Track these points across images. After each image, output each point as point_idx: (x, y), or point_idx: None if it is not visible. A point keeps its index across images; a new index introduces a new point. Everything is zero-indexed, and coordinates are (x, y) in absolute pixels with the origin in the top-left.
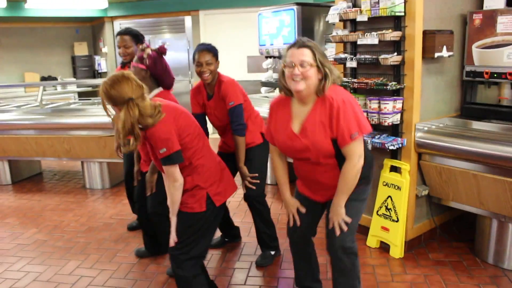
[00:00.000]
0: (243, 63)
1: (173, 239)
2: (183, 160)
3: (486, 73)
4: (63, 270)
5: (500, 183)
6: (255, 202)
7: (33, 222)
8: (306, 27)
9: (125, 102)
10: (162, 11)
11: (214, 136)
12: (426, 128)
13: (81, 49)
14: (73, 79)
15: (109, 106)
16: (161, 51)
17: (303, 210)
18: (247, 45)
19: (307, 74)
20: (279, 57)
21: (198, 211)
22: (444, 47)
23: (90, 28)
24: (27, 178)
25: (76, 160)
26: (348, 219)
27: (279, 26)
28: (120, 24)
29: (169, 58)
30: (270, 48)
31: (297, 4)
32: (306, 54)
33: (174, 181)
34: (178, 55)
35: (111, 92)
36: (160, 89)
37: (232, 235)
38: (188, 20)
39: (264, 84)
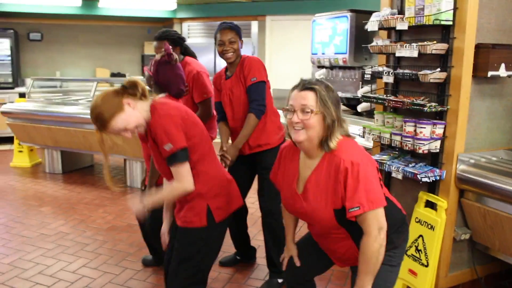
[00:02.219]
0: (307, 72)
1: (164, 242)
2: (188, 158)
3: None
4: (69, 267)
5: None
6: (269, 216)
7: (64, 213)
8: (359, 36)
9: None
10: (230, 15)
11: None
12: (472, 161)
13: (151, 49)
14: (141, 77)
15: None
16: (168, 58)
17: (297, 263)
18: (307, 55)
19: (309, 122)
20: (331, 67)
21: (198, 226)
22: (503, 65)
23: (161, 28)
24: (78, 169)
25: (119, 157)
26: None
27: (332, 34)
28: (188, 26)
29: None
30: (322, 57)
31: (351, 11)
32: (309, 98)
33: (187, 183)
34: None
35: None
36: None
37: (246, 255)
38: (254, 25)
39: None
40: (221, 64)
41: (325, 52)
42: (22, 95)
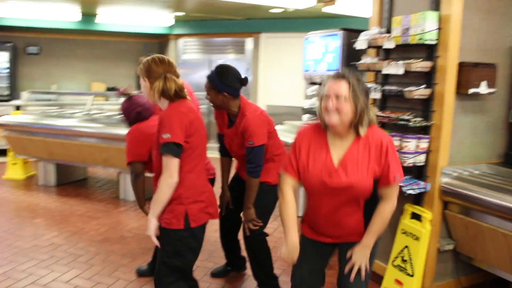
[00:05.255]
0: (301, 89)
1: (156, 241)
2: (179, 157)
3: None
4: (62, 277)
5: None
6: (252, 240)
7: (57, 225)
8: (350, 54)
9: (160, 76)
10: (225, 32)
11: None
12: (455, 174)
13: None
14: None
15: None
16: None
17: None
18: (299, 72)
19: (341, 108)
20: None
21: (176, 228)
22: (484, 83)
23: (158, 44)
24: (71, 182)
25: (114, 170)
26: (368, 266)
27: (324, 51)
28: (184, 42)
29: None
30: (313, 74)
31: (343, 29)
32: (342, 87)
33: (170, 177)
34: None
35: (152, 67)
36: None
37: (236, 265)
38: (249, 42)
39: (307, 111)
40: None
41: (317, 69)
42: (18, 108)
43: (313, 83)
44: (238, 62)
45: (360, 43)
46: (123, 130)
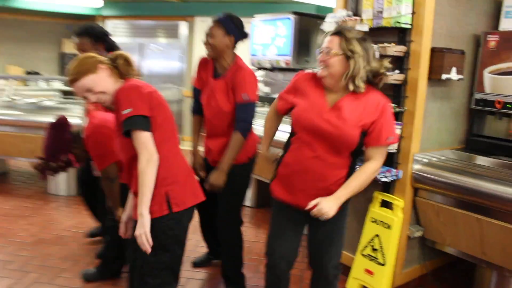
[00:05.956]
0: None
1: (147, 244)
2: (150, 129)
3: (499, 102)
4: None
5: (509, 232)
6: (227, 228)
7: None
8: (303, 39)
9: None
10: (157, 14)
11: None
12: (425, 160)
13: (70, 47)
14: (56, 77)
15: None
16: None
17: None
18: (246, 56)
19: (328, 62)
20: (271, 69)
21: (159, 216)
22: (454, 69)
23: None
24: None
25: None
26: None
27: (274, 36)
28: (113, 25)
29: (161, 64)
30: (262, 58)
31: (295, 13)
32: (333, 42)
33: (149, 154)
34: (170, 62)
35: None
36: None
37: (218, 253)
38: (183, 25)
39: None
40: (145, 67)
41: (265, 53)
42: None
43: (261, 68)
44: (171, 47)
45: (328, 25)
46: (51, 118)
